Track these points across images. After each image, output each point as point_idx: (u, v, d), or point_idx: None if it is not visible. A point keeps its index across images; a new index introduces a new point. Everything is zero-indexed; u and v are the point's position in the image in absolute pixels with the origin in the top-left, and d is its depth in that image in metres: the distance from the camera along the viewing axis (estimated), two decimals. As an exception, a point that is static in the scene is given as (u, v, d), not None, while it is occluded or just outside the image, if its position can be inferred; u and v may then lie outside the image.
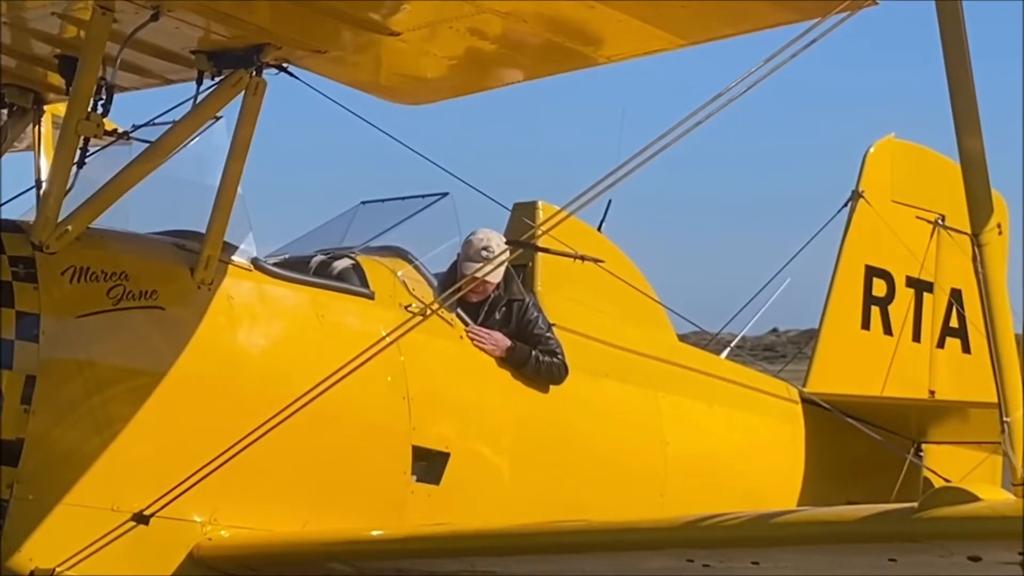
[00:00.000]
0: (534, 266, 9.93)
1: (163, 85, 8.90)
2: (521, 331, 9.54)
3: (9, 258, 7.90)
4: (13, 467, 7.77)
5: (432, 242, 10.05)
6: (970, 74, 6.39)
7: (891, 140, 12.86)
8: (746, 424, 11.01)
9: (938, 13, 6.40)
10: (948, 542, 6.38)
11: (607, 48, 8.54)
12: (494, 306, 9.60)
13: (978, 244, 6.46)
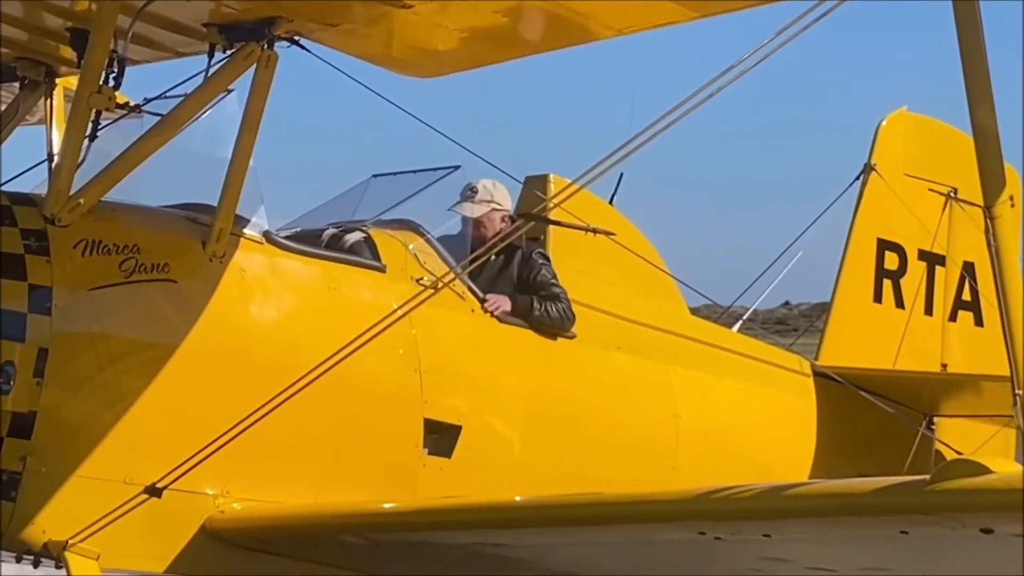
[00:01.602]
0: (546, 239, 9.95)
1: (175, 58, 8.92)
2: (522, 278, 9.65)
3: (21, 231, 7.92)
4: (26, 440, 7.80)
5: (444, 215, 10.06)
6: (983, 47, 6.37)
7: (903, 113, 12.85)
8: (758, 397, 11.01)
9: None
10: (960, 514, 6.37)
11: (617, 20, 8.51)
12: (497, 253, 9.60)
13: (991, 217, 6.46)
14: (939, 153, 12.52)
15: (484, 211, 9.84)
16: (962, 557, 7.22)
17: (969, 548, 6.83)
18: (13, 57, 9.28)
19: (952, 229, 12.73)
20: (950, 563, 7.47)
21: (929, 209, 12.74)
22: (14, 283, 7.81)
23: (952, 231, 12.74)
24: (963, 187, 12.07)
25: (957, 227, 12.69)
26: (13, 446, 7.78)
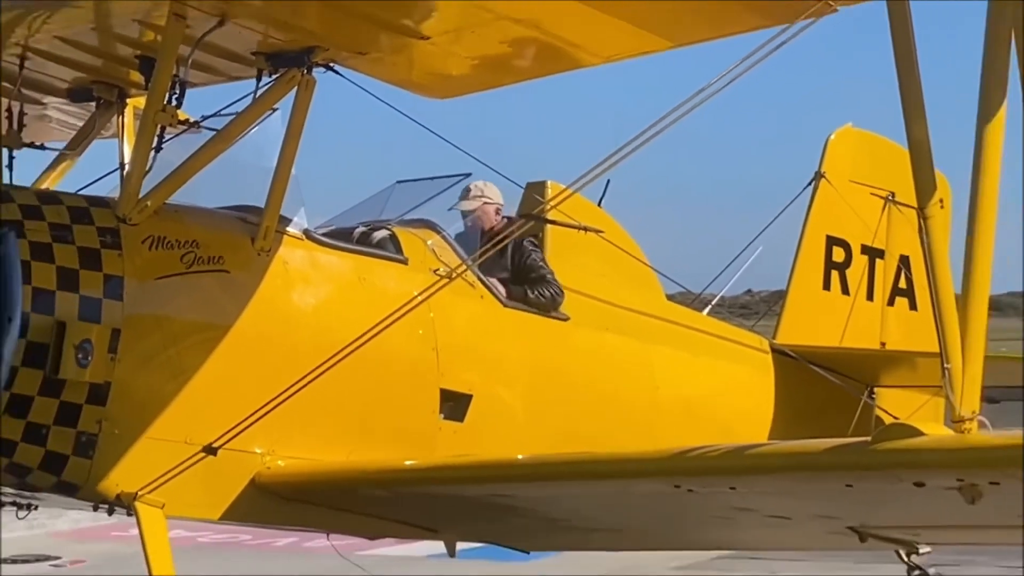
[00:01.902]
0: (544, 236, 9.97)
1: (228, 81, 8.94)
2: (515, 262, 9.70)
3: (98, 229, 7.95)
4: (102, 406, 7.82)
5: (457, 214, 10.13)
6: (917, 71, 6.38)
7: (849, 128, 12.96)
8: (725, 371, 11.07)
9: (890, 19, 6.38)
10: (897, 470, 6.41)
11: (604, 50, 8.63)
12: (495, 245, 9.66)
13: (923, 217, 6.48)
14: (879, 162, 12.57)
15: (477, 205, 9.99)
16: (899, 507, 7.25)
17: (905, 499, 6.85)
18: (90, 80, 9.30)
19: (890, 227, 12.80)
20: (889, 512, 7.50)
21: (871, 210, 12.82)
22: (91, 273, 7.83)
23: (890, 229, 12.80)
24: (900, 191, 12.12)
25: (894, 226, 12.75)
26: (91, 412, 7.80)
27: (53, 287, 7.71)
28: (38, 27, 8.48)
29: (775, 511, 7.80)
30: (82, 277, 7.81)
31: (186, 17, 7.98)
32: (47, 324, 7.66)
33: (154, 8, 8.00)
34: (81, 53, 8.89)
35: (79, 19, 8.38)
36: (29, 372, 7.62)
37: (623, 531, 9.66)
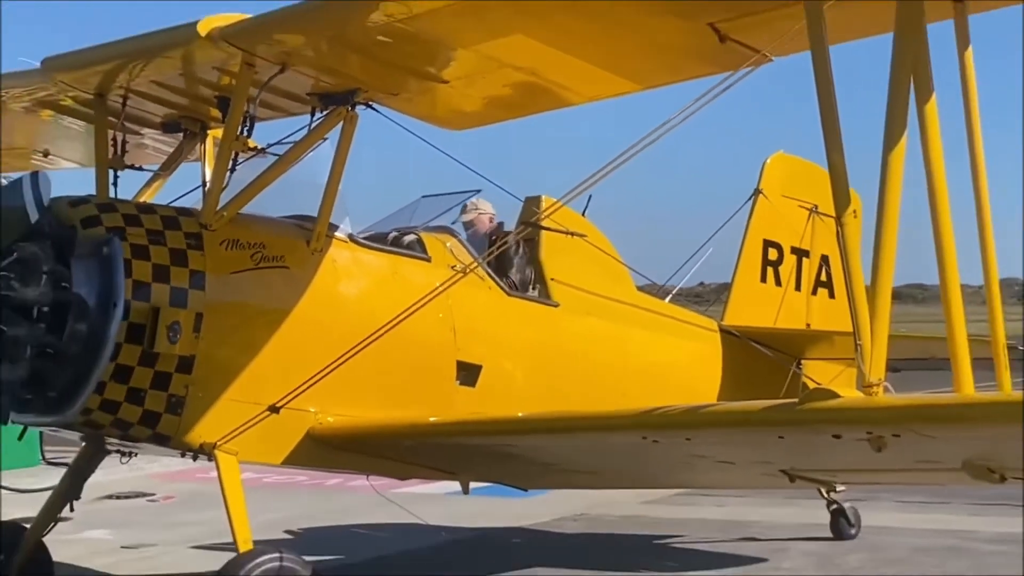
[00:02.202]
0: (539, 240, 9.95)
1: (287, 116, 8.94)
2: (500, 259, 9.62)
3: (184, 233, 7.97)
4: (188, 374, 7.84)
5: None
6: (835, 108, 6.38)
7: (781, 154, 12.96)
8: (683, 346, 11.05)
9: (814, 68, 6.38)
10: (818, 425, 6.43)
11: (586, 91, 8.64)
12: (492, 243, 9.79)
13: (840, 225, 6.47)
14: (805, 181, 12.56)
15: (474, 216, 10.04)
16: (820, 454, 7.26)
17: (825, 448, 6.86)
18: (178, 115, 9.31)
19: (814, 233, 12.81)
20: (812, 458, 7.52)
21: (798, 219, 12.82)
22: (180, 269, 7.84)
23: (814, 234, 12.82)
24: (821, 204, 12.13)
25: (817, 232, 12.78)
26: (179, 378, 7.82)
27: (149, 280, 7.72)
28: (137, 73, 8.51)
29: (723, 457, 7.82)
30: (172, 272, 7.82)
31: (254, 65, 8.02)
32: (144, 309, 7.67)
33: (229, 58, 8.02)
34: (172, 94, 8.92)
35: (170, 67, 8.41)
36: (130, 347, 7.63)
37: (601, 473, 9.67)
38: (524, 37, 7.67)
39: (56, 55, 8.52)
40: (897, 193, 6.35)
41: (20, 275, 7.33)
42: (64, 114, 9.46)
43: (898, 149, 6.34)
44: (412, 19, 7.36)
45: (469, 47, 7.83)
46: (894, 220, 6.34)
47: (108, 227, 7.74)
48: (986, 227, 6.77)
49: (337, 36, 7.79)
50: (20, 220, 7.14)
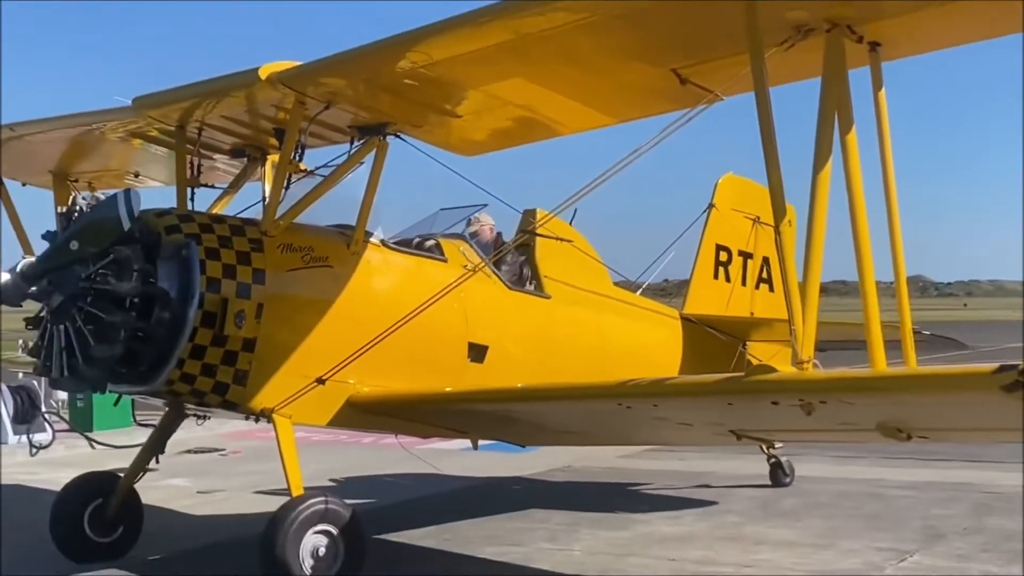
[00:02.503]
0: (535, 245, 9.93)
1: (331, 144, 8.91)
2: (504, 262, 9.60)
3: (248, 239, 7.95)
4: (251, 353, 7.82)
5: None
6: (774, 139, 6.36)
7: (730, 175, 12.91)
8: (650, 331, 11.02)
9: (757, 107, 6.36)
10: (760, 394, 6.40)
11: (571, 124, 8.62)
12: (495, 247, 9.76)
13: (778, 232, 6.47)
14: (749, 197, 12.53)
15: (477, 227, 9.89)
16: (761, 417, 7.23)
17: (765, 412, 6.84)
18: (243, 143, 9.31)
19: (756, 239, 12.79)
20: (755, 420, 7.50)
21: (744, 228, 12.80)
22: (244, 267, 7.82)
23: (756, 240, 12.79)
24: (763, 215, 12.10)
25: (759, 238, 12.75)
26: (244, 356, 7.80)
27: (220, 276, 7.71)
28: (210, 109, 8.52)
29: (682, 420, 7.80)
30: (238, 270, 7.80)
31: (305, 103, 8.02)
32: (216, 300, 7.66)
33: (284, 97, 8.02)
34: (237, 126, 8.92)
35: (236, 104, 8.41)
36: (204, 331, 7.62)
37: (585, 433, 9.65)
38: (523, 80, 7.67)
39: (144, 95, 8.52)
40: (824, 206, 6.33)
41: (116, 273, 7.35)
42: (151, 142, 9.47)
43: (825, 171, 6.32)
44: (432, 65, 7.37)
45: (478, 88, 7.83)
46: (821, 228, 6.33)
47: (187, 234, 7.74)
48: (896, 234, 6.75)
49: (371, 79, 7.81)
50: (115, 228, 7.14)
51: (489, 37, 6.92)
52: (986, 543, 9.40)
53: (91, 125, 9.10)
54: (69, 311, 7.29)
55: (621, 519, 10.88)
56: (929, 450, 14.06)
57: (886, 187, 6.73)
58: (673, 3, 6.41)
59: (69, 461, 13.82)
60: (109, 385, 7.71)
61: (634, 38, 6.94)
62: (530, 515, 11.14)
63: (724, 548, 9.41)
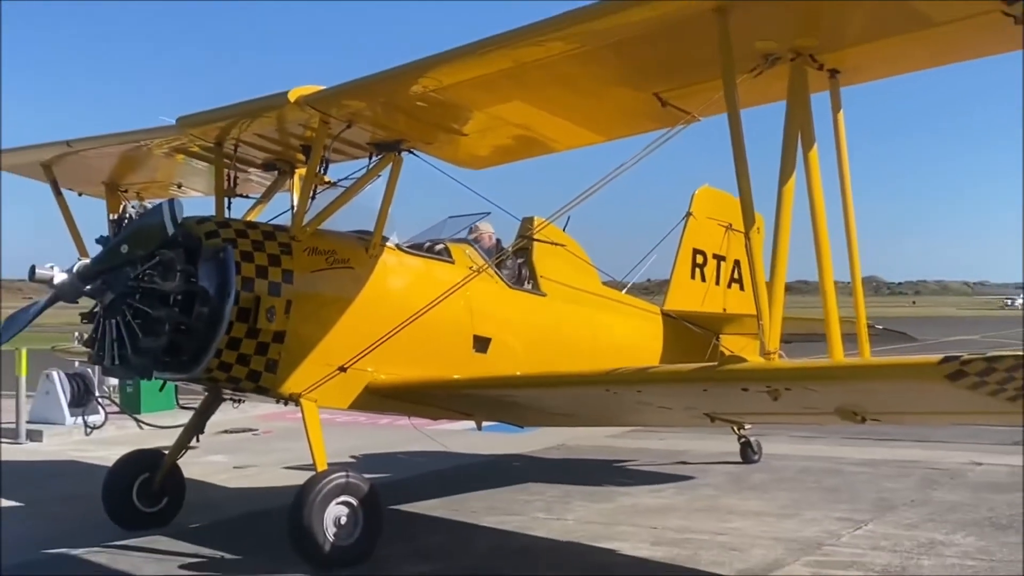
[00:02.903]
0: (532, 249, 9.92)
1: (352, 159, 8.89)
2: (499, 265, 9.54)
3: (279, 243, 7.94)
4: (281, 344, 7.80)
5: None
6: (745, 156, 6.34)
7: (706, 187, 12.86)
8: (635, 325, 10.99)
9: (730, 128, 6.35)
10: (731, 381, 6.38)
11: (564, 141, 8.60)
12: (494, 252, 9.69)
13: (747, 238, 6.44)
14: (723, 206, 12.50)
15: (477, 234, 9.79)
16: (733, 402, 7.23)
17: (736, 397, 6.83)
18: (274, 158, 9.26)
19: (729, 244, 12.75)
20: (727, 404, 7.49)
21: (718, 234, 12.77)
22: (275, 268, 7.80)
23: (729, 245, 12.76)
24: (734, 223, 12.09)
25: (731, 243, 12.72)
26: (275, 347, 7.79)
27: (253, 276, 7.70)
28: (244, 128, 8.51)
29: (663, 404, 7.78)
30: (270, 271, 7.79)
31: (329, 123, 8.00)
32: (250, 297, 7.65)
33: (310, 118, 8.00)
34: (269, 143, 8.90)
35: (268, 124, 8.39)
36: (239, 324, 7.62)
37: (577, 415, 9.63)
38: (521, 103, 7.67)
39: (187, 115, 8.50)
40: (788, 214, 6.33)
41: (161, 273, 7.35)
42: (192, 157, 9.45)
43: (789, 183, 6.32)
44: (441, 90, 7.37)
45: (482, 109, 7.82)
46: (786, 234, 6.32)
47: (224, 239, 7.74)
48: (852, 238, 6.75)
49: (388, 102, 7.80)
50: (161, 233, 7.14)
51: (492, 65, 6.92)
52: (932, 513, 9.40)
53: (139, 142, 9.10)
54: (120, 307, 7.31)
55: (609, 492, 10.88)
56: (881, 431, 14.13)
57: (843, 197, 6.74)
58: (655, 35, 6.39)
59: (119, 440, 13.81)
60: (155, 372, 7.68)
61: (620, 66, 6.95)
62: (528, 488, 11.13)
63: (700, 518, 9.41)
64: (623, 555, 8.02)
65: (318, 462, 7.74)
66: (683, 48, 6.58)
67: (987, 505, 9.72)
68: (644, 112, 7.53)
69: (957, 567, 7.47)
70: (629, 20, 6.16)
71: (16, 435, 15.13)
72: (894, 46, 6.33)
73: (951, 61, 6.62)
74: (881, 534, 8.57)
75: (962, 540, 8.31)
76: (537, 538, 8.70)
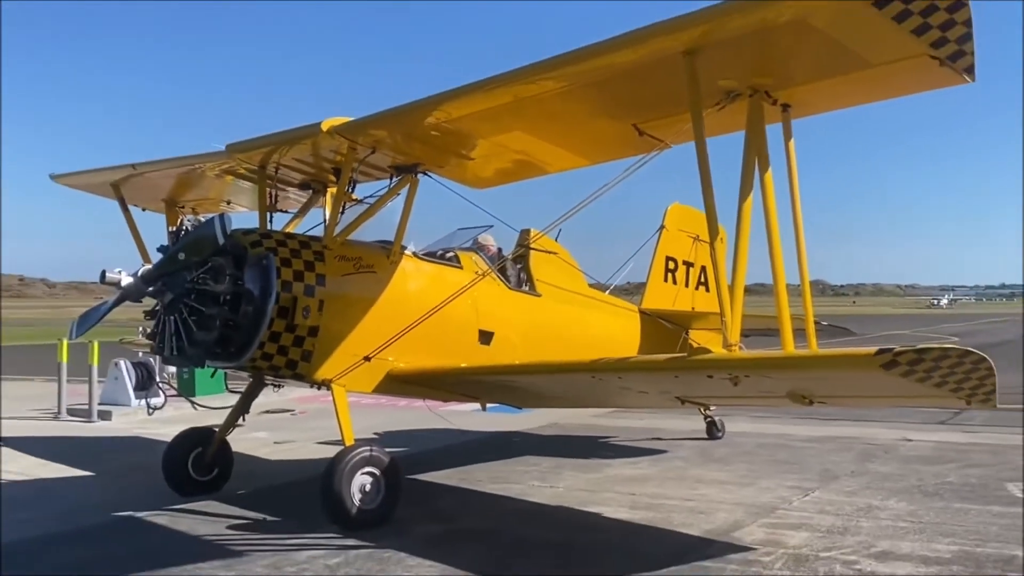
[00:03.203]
0: (529, 256, 9.92)
1: (376, 180, 8.87)
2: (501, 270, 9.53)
3: (313, 251, 7.94)
4: (315, 338, 7.81)
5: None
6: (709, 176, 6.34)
7: (677, 204, 12.83)
8: (617, 322, 10.98)
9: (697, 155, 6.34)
10: (699, 369, 6.38)
11: (554, 164, 8.59)
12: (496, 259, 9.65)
13: (712, 247, 6.46)
14: (691, 220, 12.49)
15: (482, 244, 9.73)
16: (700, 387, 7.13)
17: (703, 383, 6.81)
18: (309, 179, 9.25)
19: (696, 252, 12.73)
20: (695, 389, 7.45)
21: (687, 244, 12.74)
22: (310, 273, 7.81)
23: (696, 253, 12.74)
24: (701, 234, 12.07)
25: (698, 251, 12.70)
26: (310, 340, 7.79)
27: (292, 280, 7.71)
28: (284, 153, 8.51)
29: (640, 388, 7.78)
30: (305, 275, 7.79)
31: (356, 149, 8.00)
32: (288, 298, 7.66)
33: (340, 144, 8.01)
34: (305, 165, 8.89)
35: (303, 150, 8.40)
36: (279, 321, 7.63)
37: (567, 398, 9.59)
38: (519, 132, 7.68)
39: (235, 143, 8.49)
40: (747, 227, 6.33)
41: (212, 277, 7.37)
42: (239, 178, 9.45)
43: (748, 201, 6.32)
44: (452, 121, 7.38)
45: (486, 138, 7.84)
46: (745, 244, 6.32)
47: (266, 248, 7.74)
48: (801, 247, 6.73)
49: (407, 131, 7.80)
50: (212, 243, 7.15)
51: (494, 100, 6.93)
52: (868, 482, 9.40)
53: (194, 165, 9.12)
54: (177, 306, 7.32)
55: (594, 464, 10.87)
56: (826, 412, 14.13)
57: (794, 212, 6.74)
58: (632, 75, 6.41)
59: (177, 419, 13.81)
60: (207, 361, 7.69)
61: (603, 101, 6.96)
62: (525, 460, 11.12)
63: (672, 486, 9.41)
64: (606, 517, 8.02)
65: (346, 438, 7.75)
66: (657, 86, 6.59)
67: (916, 475, 9.73)
68: (624, 140, 7.54)
69: (890, 528, 7.47)
70: (611, 62, 6.19)
71: (89, 415, 15.13)
72: (837, 84, 6.34)
73: (886, 97, 6.63)
74: (826, 500, 8.57)
75: (894, 505, 8.32)
76: (533, 503, 8.70)
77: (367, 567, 6.44)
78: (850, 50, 5.80)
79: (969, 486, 9.09)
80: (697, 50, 5.93)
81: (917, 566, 6.37)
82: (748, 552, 6.73)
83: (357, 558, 6.67)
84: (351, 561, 6.59)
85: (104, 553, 6.92)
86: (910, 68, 5.87)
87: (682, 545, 6.98)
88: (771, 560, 6.53)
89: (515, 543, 7.15)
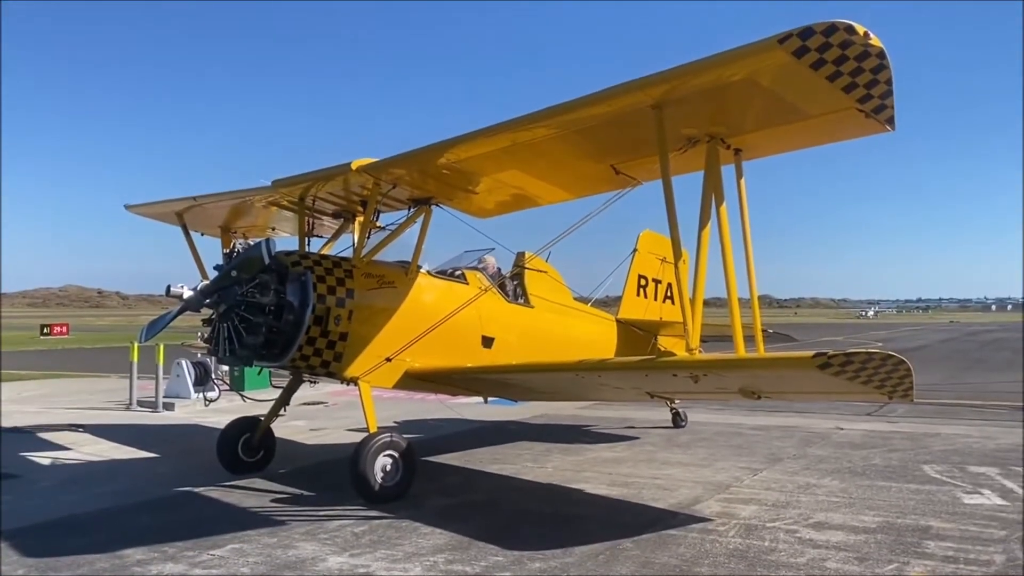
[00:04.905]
0: (523, 274, 9.90)
1: (396, 210, 8.86)
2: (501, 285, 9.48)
3: (343, 270, 7.92)
4: (345, 342, 7.79)
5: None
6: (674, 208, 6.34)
7: (648, 232, 12.82)
8: (597, 329, 10.93)
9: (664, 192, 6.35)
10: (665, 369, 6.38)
11: (546, 197, 8.57)
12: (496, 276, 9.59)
13: (676, 268, 6.46)
14: (659, 245, 12.49)
15: (484, 264, 9.66)
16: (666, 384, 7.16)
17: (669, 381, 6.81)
18: (340, 209, 9.24)
19: (663, 272, 12.70)
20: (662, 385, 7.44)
21: (656, 264, 12.71)
22: (341, 287, 7.80)
23: (663, 272, 12.71)
24: (667, 257, 12.02)
25: (665, 271, 12.67)
26: (340, 344, 7.77)
27: (326, 293, 7.70)
28: (320, 188, 8.51)
29: (617, 385, 7.77)
30: (337, 290, 7.78)
31: (380, 184, 8.00)
32: (323, 309, 7.65)
33: (367, 180, 8.00)
34: (337, 198, 8.90)
35: (336, 185, 8.41)
36: (315, 328, 7.62)
37: (555, 393, 9.57)
38: (516, 171, 7.69)
39: (280, 179, 8.50)
40: (705, 251, 6.32)
41: (260, 291, 7.37)
42: (282, 208, 9.45)
43: (706, 229, 6.32)
44: (460, 161, 7.40)
45: (489, 175, 7.84)
46: (703, 264, 6.32)
47: (305, 266, 7.74)
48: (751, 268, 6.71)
49: (422, 170, 7.81)
50: (260, 262, 7.15)
51: (495, 144, 6.96)
52: (808, 464, 9.36)
53: (244, 197, 9.12)
54: (230, 315, 7.33)
55: (578, 448, 10.81)
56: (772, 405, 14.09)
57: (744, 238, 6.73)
58: (610, 123, 6.44)
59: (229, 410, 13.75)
60: (255, 361, 7.68)
61: (586, 145, 6.98)
62: (520, 445, 11.06)
63: (643, 467, 9.36)
64: (588, 493, 7.98)
65: (370, 426, 7.71)
66: (630, 133, 6.62)
67: (847, 458, 9.69)
68: (603, 178, 7.56)
69: (825, 502, 7.44)
70: (592, 113, 6.22)
71: (155, 406, 15.07)
72: (781, 132, 6.37)
73: (822, 143, 6.63)
74: (772, 479, 8.53)
75: (829, 483, 8.28)
76: (526, 480, 8.65)
77: (388, 534, 6.42)
78: (791, 104, 5.83)
79: (891, 467, 9.06)
80: (664, 104, 5.98)
81: (847, 535, 6.35)
82: (707, 523, 6.70)
83: (379, 526, 6.65)
84: (374, 529, 6.58)
85: (166, 520, 6.88)
86: (842, 119, 5.90)
87: (652, 516, 6.95)
88: (726, 529, 6.51)
89: (513, 514, 7.11)
